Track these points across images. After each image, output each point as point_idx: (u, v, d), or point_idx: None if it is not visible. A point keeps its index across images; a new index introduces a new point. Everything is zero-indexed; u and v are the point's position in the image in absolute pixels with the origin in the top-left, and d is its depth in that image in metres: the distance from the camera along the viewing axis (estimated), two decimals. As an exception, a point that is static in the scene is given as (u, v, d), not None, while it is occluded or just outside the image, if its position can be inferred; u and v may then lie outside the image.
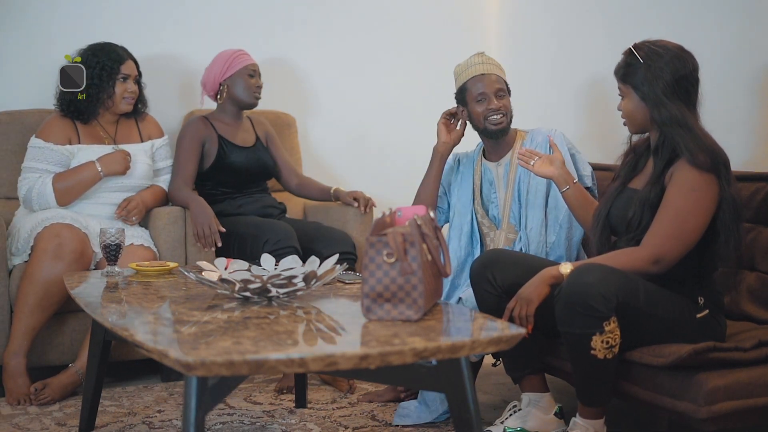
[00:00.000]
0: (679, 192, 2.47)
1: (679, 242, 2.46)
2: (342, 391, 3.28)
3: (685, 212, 2.46)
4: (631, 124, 2.64)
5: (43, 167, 3.41)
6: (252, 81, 3.73)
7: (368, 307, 2.12)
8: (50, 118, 3.52)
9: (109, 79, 3.48)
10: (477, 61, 3.17)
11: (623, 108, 2.63)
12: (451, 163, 3.30)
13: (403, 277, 2.10)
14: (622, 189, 2.68)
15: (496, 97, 3.12)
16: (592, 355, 2.40)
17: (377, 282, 2.11)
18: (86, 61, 3.49)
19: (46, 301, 3.17)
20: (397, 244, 2.10)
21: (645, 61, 2.54)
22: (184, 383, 1.84)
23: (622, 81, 2.61)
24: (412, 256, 2.11)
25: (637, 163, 2.70)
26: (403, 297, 2.10)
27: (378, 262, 2.11)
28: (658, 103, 2.52)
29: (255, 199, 3.79)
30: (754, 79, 3.29)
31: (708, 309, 2.53)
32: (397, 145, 4.50)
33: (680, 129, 2.50)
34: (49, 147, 3.42)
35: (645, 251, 2.48)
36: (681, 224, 2.46)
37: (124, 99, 3.52)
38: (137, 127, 3.64)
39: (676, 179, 2.49)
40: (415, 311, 2.10)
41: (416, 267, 2.10)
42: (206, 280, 2.39)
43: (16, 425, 2.93)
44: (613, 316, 2.39)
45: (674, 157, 2.53)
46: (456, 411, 2.08)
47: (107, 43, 3.55)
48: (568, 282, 2.44)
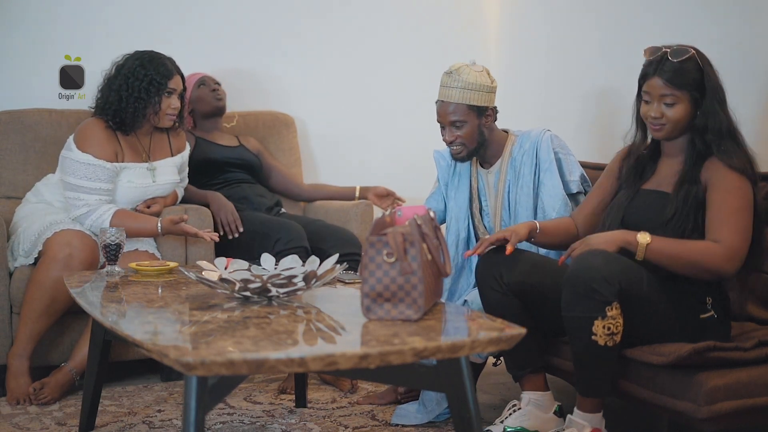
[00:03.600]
0: (727, 191, 2.47)
1: (745, 236, 2.47)
2: (343, 391, 3.28)
3: (739, 208, 2.46)
4: (672, 130, 2.57)
5: (96, 186, 3.29)
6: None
7: (368, 307, 2.12)
8: (90, 127, 3.37)
9: (156, 94, 3.38)
10: (442, 82, 3.07)
11: (672, 114, 2.54)
12: (448, 160, 3.24)
13: (403, 277, 2.10)
14: (635, 193, 2.66)
15: (450, 127, 3.06)
16: (593, 341, 2.40)
17: (377, 281, 2.10)
18: (133, 72, 3.38)
19: (53, 307, 3.17)
20: (397, 243, 2.10)
21: (704, 66, 2.53)
22: (184, 383, 1.84)
23: (676, 86, 2.52)
24: (411, 255, 2.11)
25: (644, 170, 2.68)
26: (403, 297, 2.10)
27: (378, 261, 2.11)
28: (714, 111, 2.52)
29: (242, 189, 3.79)
30: (755, 78, 3.29)
31: (714, 311, 2.53)
32: (397, 145, 4.49)
33: (730, 140, 2.52)
34: (102, 165, 3.30)
35: (720, 248, 2.44)
36: (739, 219, 2.46)
37: (167, 115, 3.42)
38: (168, 141, 3.56)
39: (716, 182, 2.50)
40: (415, 311, 2.10)
41: (416, 267, 2.10)
42: (206, 280, 2.39)
43: (16, 425, 2.93)
44: (616, 301, 2.39)
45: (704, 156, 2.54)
46: (456, 411, 2.08)
47: (155, 54, 3.43)
48: (572, 266, 2.45)
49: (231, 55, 4.22)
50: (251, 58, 4.26)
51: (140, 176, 3.43)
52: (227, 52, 4.22)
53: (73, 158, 3.31)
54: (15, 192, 3.62)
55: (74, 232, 3.23)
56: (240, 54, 4.24)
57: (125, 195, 3.40)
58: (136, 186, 3.41)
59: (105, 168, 3.31)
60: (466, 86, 3.03)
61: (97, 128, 3.37)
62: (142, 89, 3.36)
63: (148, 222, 3.32)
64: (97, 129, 3.36)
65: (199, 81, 3.86)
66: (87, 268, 3.18)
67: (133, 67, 3.39)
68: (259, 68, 4.28)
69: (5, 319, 3.22)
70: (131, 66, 3.40)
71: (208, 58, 4.09)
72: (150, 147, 3.50)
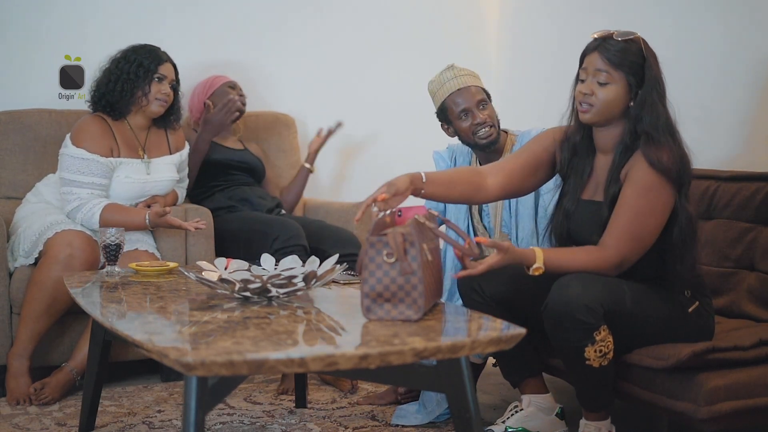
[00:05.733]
0: (637, 192, 2.42)
1: (640, 244, 2.43)
2: (343, 391, 3.28)
3: (645, 213, 2.41)
4: (600, 113, 2.47)
5: (89, 180, 3.30)
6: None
7: (368, 307, 2.12)
8: (85, 123, 3.40)
9: (146, 77, 3.42)
10: (450, 76, 3.08)
11: (603, 95, 2.45)
12: (447, 161, 3.25)
13: (403, 277, 2.09)
14: (577, 204, 2.58)
15: (479, 110, 3.05)
16: (587, 365, 2.39)
17: (377, 282, 2.10)
18: (125, 56, 3.44)
19: (53, 308, 3.17)
20: (397, 243, 2.09)
21: (647, 55, 2.45)
22: (184, 383, 1.84)
23: (613, 65, 2.43)
24: (411, 255, 2.11)
25: (583, 170, 2.60)
26: (403, 297, 2.10)
27: (378, 261, 2.11)
28: (652, 103, 2.44)
29: (243, 191, 3.79)
30: (755, 78, 3.29)
31: (697, 300, 2.51)
32: (398, 146, 4.50)
33: (666, 135, 2.44)
34: (95, 159, 3.32)
35: (610, 254, 2.41)
36: (641, 226, 2.42)
37: (157, 99, 3.44)
38: (167, 139, 3.58)
39: (633, 178, 2.44)
40: (415, 311, 2.10)
41: (416, 267, 2.10)
42: (206, 280, 2.39)
43: (16, 425, 2.93)
44: (603, 324, 2.37)
45: (631, 150, 2.47)
46: (456, 411, 2.08)
47: (150, 45, 3.50)
48: (551, 298, 2.40)
49: (231, 55, 4.22)
50: (251, 58, 4.27)
51: (136, 171, 3.44)
52: (227, 52, 4.22)
53: (68, 153, 3.34)
54: (15, 192, 3.62)
55: (75, 232, 3.23)
56: (240, 54, 4.24)
57: (123, 191, 3.41)
58: (133, 181, 3.42)
59: (98, 162, 3.32)
60: (471, 73, 3.10)
61: (92, 124, 3.40)
62: (131, 71, 3.42)
63: (137, 215, 3.31)
64: (92, 124, 3.40)
65: (231, 83, 3.90)
66: (88, 268, 3.18)
67: (125, 53, 3.46)
68: (259, 68, 4.28)
69: (5, 319, 3.22)
70: (123, 54, 3.47)
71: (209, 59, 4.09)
72: (146, 143, 3.51)
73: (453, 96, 3.06)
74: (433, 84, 3.13)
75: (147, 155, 3.49)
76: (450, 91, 3.06)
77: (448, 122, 3.11)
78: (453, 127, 3.10)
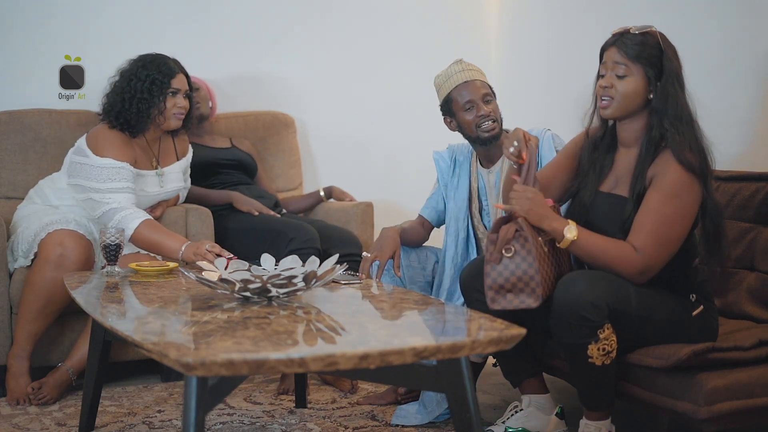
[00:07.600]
0: (664, 198, 2.41)
1: (666, 250, 2.43)
2: (344, 391, 3.28)
3: (671, 220, 2.41)
4: (620, 106, 2.50)
5: (123, 185, 3.23)
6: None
7: (492, 298, 2.41)
8: (104, 133, 3.33)
9: (160, 94, 3.33)
10: (458, 69, 3.09)
11: (622, 87, 2.48)
12: (447, 161, 3.24)
13: (522, 269, 2.37)
14: (595, 196, 2.59)
15: (484, 103, 3.05)
16: (590, 363, 2.40)
17: (498, 275, 2.40)
18: (135, 73, 3.35)
19: (48, 308, 3.17)
20: (506, 237, 2.37)
21: (665, 48, 2.46)
22: (184, 383, 1.84)
23: (631, 57, 2.46)
24: (527, 249, 2.38)
25: (602, 166, 2.61)
26: (523, 287, 2.39)
27: (497, 256, 2.40)
28: (674, 94, 2.44)
29: (240, 191, 3.78)
30: (755, 78, 3.29)
31: (702, 305, 2.52)
32: (397, 146, 4.50)
33: (686, 126, 2.44)
34: (125, 167, 3.26)
35: (637, 260, 2.41)
36: (667, 232, 2.41)
37: (173, 115, 3.38)
38: (174, 145, 3.55)
39: (660, 181, 2.43)
40: (535, 299, 2.39)
41: (532, 259, 2.37)
42: (206, 280, 2.39)
43: (16, 425, 2.93)
44: (607, 323, 2.38)
45: (658, 146, 2.47)
46: (456, 411, 2.08)
47: (158, 55, 3.41)
48: (557, 294, 2.41)
49: (231, 55, 4.23)
50: (251, 59, 4.27)
51: (150, 185, 3.42)
52: (227, 52, 4.22)
53: (92, 164, 3.26)
54: (15, 192, 3.62)
55: (66, 231, 3.20)
56: (240, 54, 4.25)
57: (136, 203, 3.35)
58: (147, 194, 3.41)
59: (128, 170, 3.28)
60: (479, 69, 3.14)
61: (112, 134, 3.33)
62: (144, 90, 3.33)
63: (174, 242, 3.15)
64: (112, 134, 3.33)
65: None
66: (80, 267, 3.17)
67: (135, 69, 3.37)
68: (259, 69, 4.28)
69: (5, 319, 3.22)
70: (133, 68, 3.38)
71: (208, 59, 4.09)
72: (159, 153, 3.49)
73: (459, 88, 3.07)
74: (439, 77, 3.14)
75: (160, 164, 3.46)
76: (456, 83, 3.07)
77: (452, 114, 3.11)
78: (456, 119, 3.10)
